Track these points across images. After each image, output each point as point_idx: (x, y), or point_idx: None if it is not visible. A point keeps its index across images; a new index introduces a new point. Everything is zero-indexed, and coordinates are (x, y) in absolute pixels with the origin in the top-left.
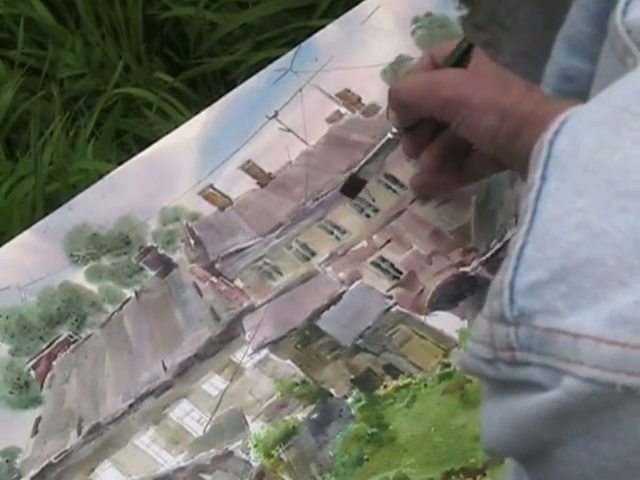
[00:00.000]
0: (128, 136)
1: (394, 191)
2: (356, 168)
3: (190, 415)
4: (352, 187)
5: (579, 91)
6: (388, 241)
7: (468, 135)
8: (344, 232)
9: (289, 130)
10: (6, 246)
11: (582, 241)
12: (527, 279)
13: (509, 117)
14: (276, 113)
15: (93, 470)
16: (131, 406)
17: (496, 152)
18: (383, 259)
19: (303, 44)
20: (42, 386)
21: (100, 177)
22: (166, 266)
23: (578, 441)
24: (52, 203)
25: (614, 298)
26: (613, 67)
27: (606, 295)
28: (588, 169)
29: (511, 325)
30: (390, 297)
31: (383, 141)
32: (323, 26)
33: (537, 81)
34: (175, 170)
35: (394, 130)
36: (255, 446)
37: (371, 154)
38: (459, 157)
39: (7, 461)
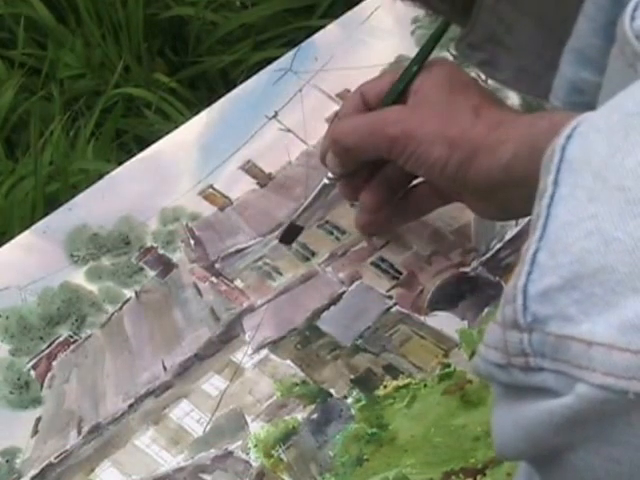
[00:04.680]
0: (128, 136)
1: None
2: (294, 216)
3: (190, 415)
4: (290, 235)
5: (590, 102)
6: (388, 241)
7: (417, 169)
8: (344, 232)
9: (289, 130)
10: (6, 246)
11: (594, 248)
12: (540, 285)
13: (458, 146)
14: (276, 113)
15: (93, 470)
16: (131, 406)
17: (446, 183)
18: (383, 259)
19: (303, 44)
20: (42, 386)
21: (100, 177)
22: (166, 266)
23: (590, 446)
24: (52, 203)
25: (626, 305)
26: (623, 73)
27: (618, 302)
28: (600, 175)
29: (524, 331)
30: (390, 297)
31: (319, 188)
32: (323, 26)
33: (541, 96)
34: (175, 170)
35: (330, 175)
36: (255, 446)
37: (307, 202)
38: (398, 194)
39: (7, 461)
